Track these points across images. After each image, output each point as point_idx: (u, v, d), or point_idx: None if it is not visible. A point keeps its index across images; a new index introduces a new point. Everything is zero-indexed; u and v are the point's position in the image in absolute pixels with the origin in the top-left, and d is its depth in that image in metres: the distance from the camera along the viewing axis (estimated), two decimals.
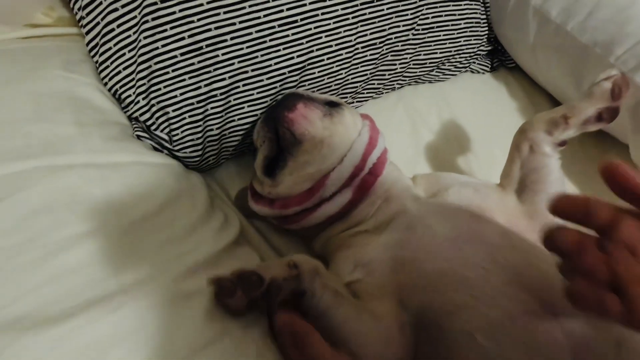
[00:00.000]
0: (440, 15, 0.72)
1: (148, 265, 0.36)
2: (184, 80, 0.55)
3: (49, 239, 0.34)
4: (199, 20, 0.53)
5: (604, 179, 0.25)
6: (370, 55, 0.67)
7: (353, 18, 0.63)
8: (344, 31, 0.62)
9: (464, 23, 0.75)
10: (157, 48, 0.53)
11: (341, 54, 0.64)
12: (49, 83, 0.48)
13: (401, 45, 0.70)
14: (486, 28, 0.79)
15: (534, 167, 0.49)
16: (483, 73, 0.84)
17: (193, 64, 0.54)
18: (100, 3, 0.51)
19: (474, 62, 0.82)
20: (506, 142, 0.73)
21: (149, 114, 0.55)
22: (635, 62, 0.57)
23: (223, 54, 0.55)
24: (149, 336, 0.32)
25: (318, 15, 0.59)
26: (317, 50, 0.61)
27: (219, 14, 0.53)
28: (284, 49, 0.58)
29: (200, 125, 0.58)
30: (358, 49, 0.65)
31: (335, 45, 0.62)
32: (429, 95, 0.78)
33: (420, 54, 0.73)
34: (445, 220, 0.44)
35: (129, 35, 0.52)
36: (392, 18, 0.66)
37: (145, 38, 0.52)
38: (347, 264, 0.45)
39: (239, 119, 0.60)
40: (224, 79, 0.56)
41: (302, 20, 0.59)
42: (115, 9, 0.51)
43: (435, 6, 0.71)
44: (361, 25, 0.64)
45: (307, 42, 0.60)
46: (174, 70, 0.54)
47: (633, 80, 0.56)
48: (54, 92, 0.47)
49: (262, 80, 0.59)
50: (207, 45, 0.54)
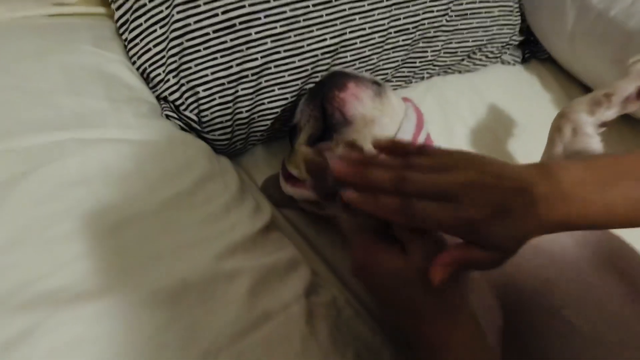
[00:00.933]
0: (475, 1, 0.69)
1: (187, 242, 0.34)
2: (216, 58, 0.53)
3: (85, 210, 0.32)
4: None
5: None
6: (403, 40, 0.65)
7: (387, 0, 0.60)
8: (378, 14, 0.60)
9: (498, 11, 0.72)
10: (190, 24, 0.51)
11: (374, 38, 0.61)
12: (79, 56, 0.46)
13: (434, 31, 0.67)
14: (519, 17, 0.77)
15: (577, 150, 0.48)
16: (514, 64, 0.82)
17: (225, 42, 0.52)
18: None
19: (506, 53, 0.80)
20: (541, 134, 0.71)
21: (178, 93, 0.53)
22: None
23: (256, 32, 0.53)
24: (188, 317, 0.30)
25: None
26: (350, 32, 0.59)
27: None
28: (317, 30, 0.56)
29: (230, 107, 0.56)
30: (391, 33, 0.63)
31: (369, 28, 0.60)
32: (458, 85, 0.76)
33: (452, 42, 0.71)
34: None
35: (161, 11, 0.50)
36: (426, 2, 0.64)
37: (178, 13, 0.50)
38: None
39: (268, 102, 0.58)
40: (256, 59, 0.54)
41: (337, 0, 0.57)
42: None
43: None
44: (395, 9, 0.62)
45: (341, 24, 0.58)
46: (205, 49, 0.52)
47: None
48: (84, 66, 0.46)
49: (294, 62, 0.57)
50: (240, 23, 0.52)
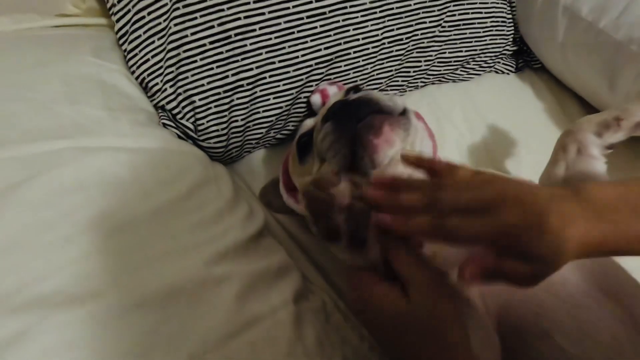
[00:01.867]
0: (467, 12, 0.71)
1: (179, 247, 0.35)
2: (212, 69, 0.54)
3: (80, 216, 0.33)
4: (229, 8, 0.52)
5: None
6: (397, 50, 0.66)
7: (380, 12, 0.62)
8: (371, 25, 0.62)
9: (490, 21, 0.74)
10: (187, 36, 0.52)
11: (368, 48, 0.63)
12: (79, 67, 0.48)
13: (427, 41, 0.69)
14: (512, 27, 0.78)
15: (580, 170, 0.47)
16: (508, 73, 0.83)
17: (221, 53, 0.54)
18: None
19: (499, 62, 0.81)
20: (534, 142, 0.72)
21: (175, 102, 0.55)
22: None
23: (251, 44, 0.55)
24: (176, 320, 0.31)
25: (346, 7, 0.59)
26: (345, 43, 0.61)
27: (248, 3, 0.53)
28: (311, 41, 0.58)
29: (225, 115, 0.57)
30: (384, 43, 0.64)
31: (362, 39, 0.62)
32: (453, 94, 0.77)
33: (445, 52, 0.72)
34: None
35: (159, 23, 0.52)
36: (420, 14, 0.66)
37: (175, 25, 0.52)
38: None
39: (263, 111, 0.59)
40: (251, 69, 0.56)
41: (331, 12, 0.58)
42: None
43: (462, 3, 0.70)
44: (388, 20, 0.63)
45: (335, 35, 0.59)
46: (202, 59, 0.54)
47: None
48: (84, 76, 0.47)
49: (289, 72, 0.58)
50: (236, 35, 0.54)
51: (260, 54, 0.55)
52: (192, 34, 0.53)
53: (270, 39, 0.55)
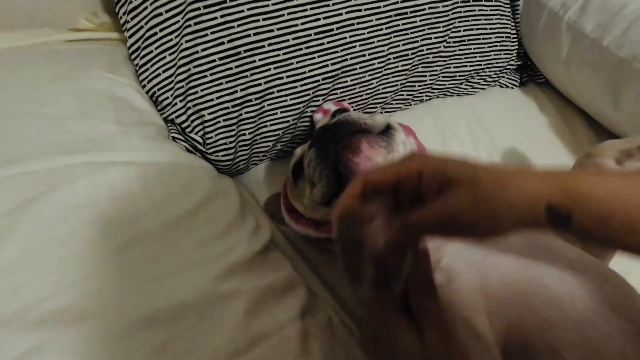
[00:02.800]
0: (472, 28, 0.72)
1: (188, 263, 0.35)
2: (221, 84, 0.55)
3: (92, 232, 0.34)
4: (239, 26, 0.54)
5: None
6: (402, 66, 0.67)
7: (387, 29, 0.63)
8: (377, 41, 0.63)
9: (495, 37, 0.75)
10: (197, 52, 0.54)
11: (374, 64, 0.64)
12: (92, 82, 0.49)
13: (432, 57, 0.70)
14: (516, 43, 0.79)
15: None
16: (512, 88, 0.83)
17: (231, 69, 0.55)
18: (146, 8, 0.53)
19: (504, 77, 0.82)
20: (538, 157, 0.72)
21: (184, 116, 0.56)
22: None
23: (260, 60, 0.56)
24: (186, 337, 0.31)
25: (353, 24, 0.60)
26: (351, 59, 0.62)
27: (258, 21, 0.54)
28: (318, 57, 0.59)
29: (233, 129, 0.58)
30: (390, 59, 0.65)
31: (369, 54, 0.63)
32: (457, 108, 0.78)
33: (450, 67, 0.73)
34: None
35: (171, 39, 0.53)
36: (425, 30, 0.67)
37: (186, 42, 0.53)
38: None
39: (271, 125, 0.60)
40: (260, 84, 0.57)
41: (338, 29, 0.59)
42: (160, 14, 0.53)
43: (467, 20, 0.71)
44: (394, 36, 0.64)
45: (342, 51, 0.60)
46: (212, 74, 0.55)
47: None
48: (97, 91, 0.48)
49: (296, 87, 0.59)
50: (245, 51, 0.55)
51: (269, 70, 0.56)
52: (203, 50, 0.54)
53: (279, 55, 0.56)
